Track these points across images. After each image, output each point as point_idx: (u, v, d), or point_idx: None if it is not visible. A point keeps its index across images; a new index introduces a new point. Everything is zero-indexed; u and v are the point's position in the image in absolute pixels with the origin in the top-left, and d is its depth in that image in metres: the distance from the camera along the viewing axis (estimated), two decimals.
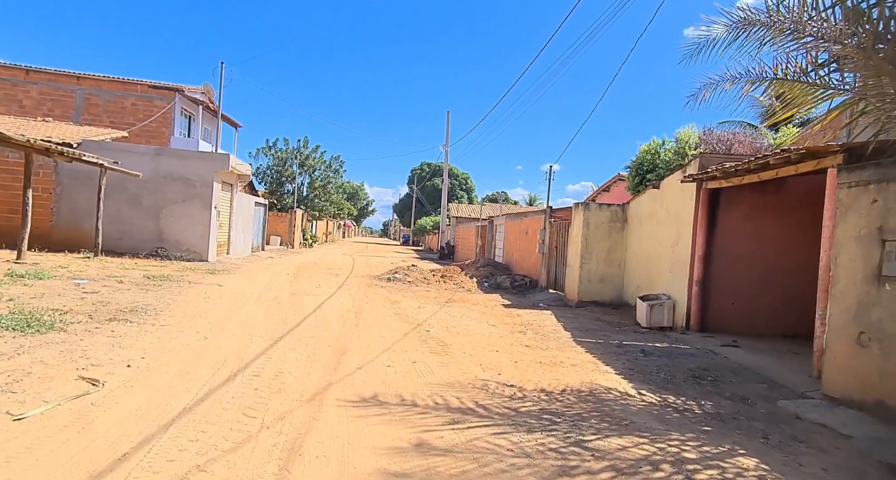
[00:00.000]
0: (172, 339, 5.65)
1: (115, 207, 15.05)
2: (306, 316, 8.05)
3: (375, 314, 8.92)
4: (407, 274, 15.97)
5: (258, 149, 36.70)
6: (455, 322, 8.78)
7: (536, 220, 16.61)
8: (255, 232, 22.51)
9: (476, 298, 12.76)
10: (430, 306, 10.59)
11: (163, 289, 9.20)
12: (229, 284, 11.20)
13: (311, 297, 10.26)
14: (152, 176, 15.32)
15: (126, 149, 15.22)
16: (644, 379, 5.54)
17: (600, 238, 11.96)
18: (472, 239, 30.42)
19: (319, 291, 11.42)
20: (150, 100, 22.43)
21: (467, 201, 64.79)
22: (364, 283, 14.12)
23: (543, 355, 6.56)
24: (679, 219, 9.34)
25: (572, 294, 12.18)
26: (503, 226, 22.06)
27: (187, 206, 15.58)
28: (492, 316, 9.94)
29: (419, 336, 7.30)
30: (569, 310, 11.29)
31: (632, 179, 14.34)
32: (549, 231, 15.08)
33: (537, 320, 9.67)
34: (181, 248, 15.50)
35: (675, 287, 9.18)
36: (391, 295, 11.78)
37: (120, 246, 15.02)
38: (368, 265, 22.29)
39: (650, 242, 10.55)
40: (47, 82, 21.52)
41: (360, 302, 10.29)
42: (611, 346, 7.39)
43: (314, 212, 38.02)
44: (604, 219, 12.01)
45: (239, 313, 7.81)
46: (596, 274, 11.90)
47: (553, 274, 14.50)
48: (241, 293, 10.02)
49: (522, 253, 18.08)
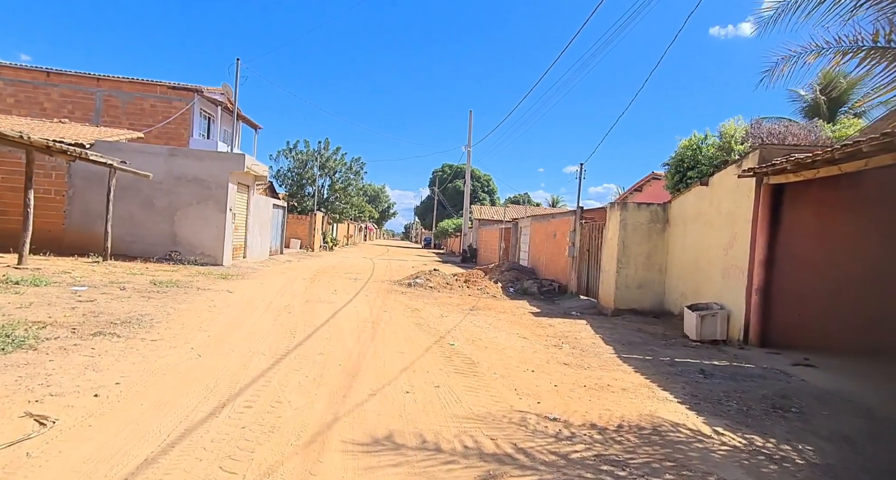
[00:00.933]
0: (160, 358, 4.93)
1: (127, 210, 14.60)
2: (318, 328, 7.29)
3: (394, 324, 8.11)
4: (428, 279, 15.16)
5: (279, 151, 36.47)
6: (482, 333, 7.92)
7: (565, 222, 15.64)
8: (273, 235, 21.99)
9: (502, 305, 11.87)
10: (454, 314, 9.76)
11: (167, 297, 8.55)
12: (240, 290, 10.53)
13: (325, 305, 9.52)
14: (166, 177, 14.85)
15: (139, 150, 14.77)
16: (714, 411, 4.59)
17: (639, 240, 10.96)
18: (495, 241, 29.49)
19: (335, 298, 10.68)
20: (168, 102, 22.15)
21: (489, 203, 63.86)
22: (383, 289, 13.35)
23: (586, 376, 5.66)
24: (734, 218, 8.31)
25: (607, 301, 11.19)
26: (528, 229, 21.11)
27: (202, 208, 15.06)
28: (521, 326, 9.05)
29: (442, 351, 6.46)
30: (605, 320, 10.32)
31: (670, 177, 13.29)
32: (579, 233, 14.10)
33: (572, 331, 8.74)
34: (195, 252, 14.97)
35: (730, 295, 8.15)
36: (412, 303, 10.97)
37: (132, 250, 14.56)
38: (389, 269, 21.56)
39: (697, 245, 9.53)
40: (68, 84, 21.39)
41: (379, 310, 9.51)
42: (662, 364, 6.44)
43: (334, 214, 37.55)
44: (642, 220, 11.01)
45: (244, 324, 7.09)
46: (634, 279, 10.90)
47: (584, 280, 13.51)
48: (250, 300, 9.33)
49: (550, 257, 17.12)
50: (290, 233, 30.53)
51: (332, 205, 37.34)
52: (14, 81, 20.93)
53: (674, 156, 13.21)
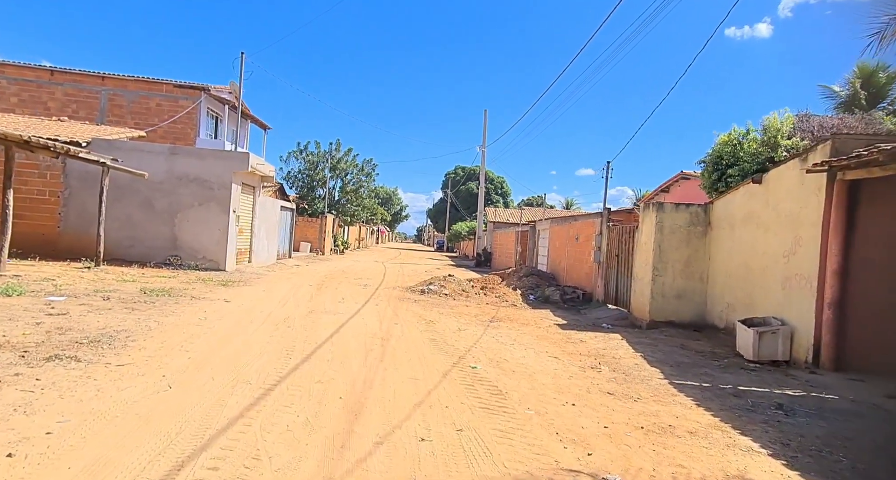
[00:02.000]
0: (119, 391, 4.02)
1: (125, 211, 13.85)
2: (319, 346, 6.36)
3: (406, 341, 7.16)
4: (443, 286, 14.20)
5: (289, 152, 35.81)
6: (506, 352, 6.94)
7: (589, 225, 14.59)
8: (281, 238, 21.20)
9: (524, 315, 10.86)
10: (473, 327, 8.78)
11: (154, 308, 7.68)
12: (239, 299, 9.66)
13: (330, 316, 8.59)
14: (166, 177, 14.08)
15: (138, 148, 14.03)
16: (821, 469, 3.55)
17: (677, 245, 9.90)
18: (510, 245, 28.46)
19: (342, 308, 9.76)
20: (175, 101, 21.50)
21: (503, 205, 62.78)
22: (395, 296, 12.41)
23: (639, 411, 4.65)
24: (796, 221, 7.23)
25: (641, 312, 10.14)
26: (547, 232, 20.07)
27: (203, 210, 14.27)
28: (549, 341, 8.04)
29: (463, 376, 5.48)
30: (640, 334, 9.26)
31: (707, 176, 12.17)
32: (606, 237, 13.04)
33: (607, 348, 7.71)
34: (196, 256, 14.18)
35: (793, 309, 7.06)
36: (426, 313, 10.02)
37: (130, 255, 13.79)
38: (401, 274, 20.64)
39: (748, 251, 8.44)
40: (72, 83, 20.83)
41: (389, 322, 8.56)
42: (725, 394, 5.39)
43: (346, 217, 36.77)
44: (681, 223, 9.95)
45: (234, 341, 6.17)
46: (672, 288, 9.83)
47: (612, 287, 12.45)
48: (248, 311, 8.43)
49: (572, 262, 16.06)
50: (299, 236, 29.79)
51: (344, 208, 36.57)
52: (17, 80, 20.42)
53: (710, 153, 12.10)
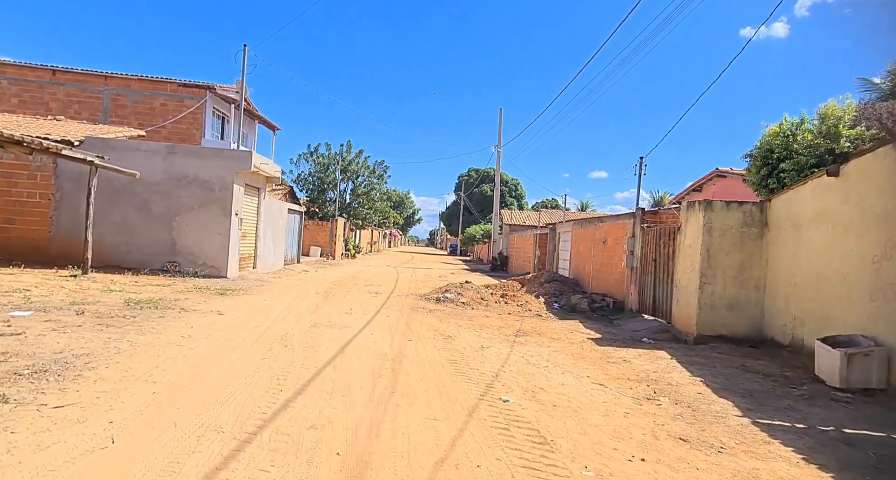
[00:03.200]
0: (39, 450, 2.98)
1: (120, 215, 12.99)
2: (319, 371, 5.30)
3: (422, 362, 6.07)
4: (460, 294, 13.11)
5: (299, 154, 34.99)
6: (541, 376, 5.82)
7: (619, 226, 13.41)
8: (289, 242, 20.28)
9: (552, 328, 9.73)
10: (497, 343, 7.67)
11: (132, 324, 6.70)
12: (235, 311, 8.66)
13: (335, 332, 7.55)
14: (164, 177, 13.19)
15: (134, 147, 13.17)
16: None
17: (728, 249, 8.70)
18: (528, 248, 27.28)
19: (350, 320, 8.71)
20: (180, 100, 20.73)
21: (517, 208, 61.53)
22: (408, 306, 11.35)
23: (731, 469, 3.51)
24: (890, 219, 6.03)
25: (686, 324, 8.95)
26: (569, 235, 18.88)
27: (204, 213, 13.35)
28: (587, 361, 6.90)
29: (495, 415, 4.39)
30: (689, 350, 8.08)
31: (754, 172, 10.92)
32: (640, 239, 11.85)
33: (657, 370, 6.56)
34: (196, 262, 13.25)
35: (890, 326, 5.86)
36: (443, 326, 8.93)
37: (127, 260, 12.91)
38: (414, 279, 19.59)
39: (820, 255, 7.23)
40: (74, 83, 20.16)
41: (402, 338, 7.48)
42: (831, 442, 4.22)
43: (357, 220, 35.85)
44: (733, 223, 8.75)
45: (215, 368, 5.14)
46: (722, 298, 8.63)
47: (648, 295, 11.25)
48: (241, 325, 7.41)
49: (598, 267, 14.88)
50: (309, 240, 28.92)
51: (355, 211, 35.66)
52: (18, 80, 19.79)
53: (759, 146, 10.86)
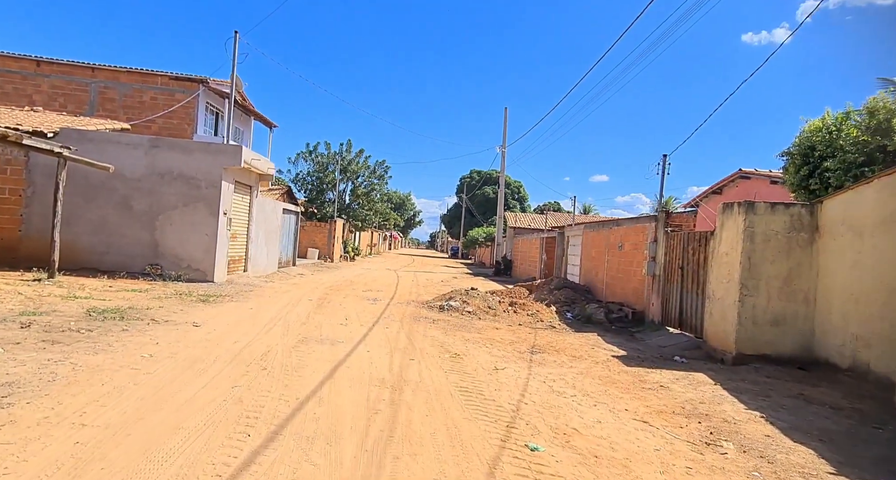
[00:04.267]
0: None
1: (98, 213, 11.98)
2: (300, 406, 4.29)
3: (427, 391, 5.06)
4: (465, 302, 12.08)
5: (298, 153, 34.01)
6: (570, 411, 4.81)
7: (638, 230, 12.40)
8: (283, 244, 19.27)
9: (569, 342, 8.71)
10: (512, 363, 6.66)
11: (85, 341, 5.69)
12: (213, 322, 7.64)
13: (326, 348, 6.53)
14: (146, 173, 12.20)
15: (114, 140, 12.17)
16: None
17: (773, 257, 7.69)
18: (534, 253, 26.26)
19: (344, 333, 7.70)
20: (171, 94, 19.76)
21: (520, 211, 60.50)
22: (409, 315, 10.34)
23: None
24: None
25: (722, 341, 7.93)
26: (580, 238, 17.87)
27: (189, 212, 12.35)
28: (619, 387, 5.89)
29: (523, 472, 3.37)
30: (730, 372, 7.06)
31: (793, 171, 9.94)
32: (664, 244, 10.84)
33: (703, 400, 5.54)
34: (180, 265, 12.24)
35: None
36: (448, 339, 7.92)
37: (104, 263, 11.90)
38: (415, 283, 18.57)
39: (891, 265, 6.22)
40: (59, 75, 19.19)
41: (402, 356, 6.47)
42: None
43: (356, 222, 34.84)
44: (778, 228, 7.74)
45: (169, 404, 4.12)
46: (766, 312, 7.61)
47: (674, 306, 10.23)
48: (217, 342, 6.40)
49: (613, 274, 13.86)
50: (306, 241, 27.92)
51: (354, 212, 34.66)
52: (0, 71, 18.82)
53: (797, 144, 9.87)
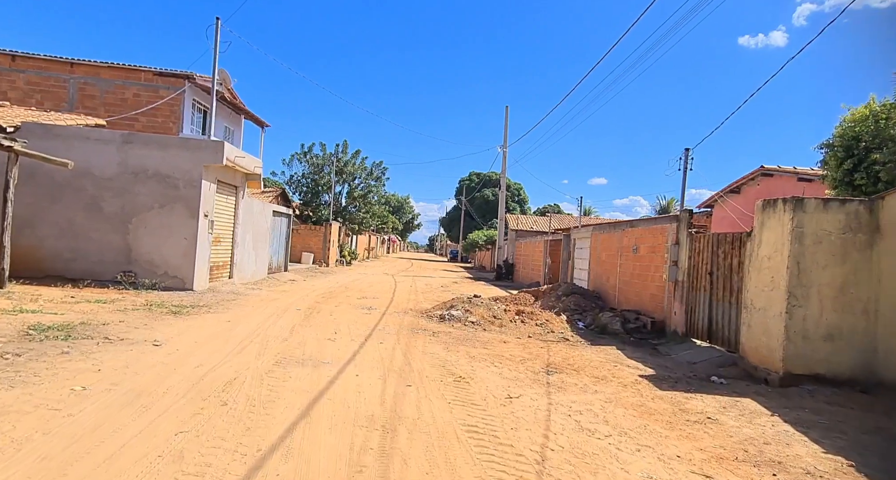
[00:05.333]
0: None
1: (64, 215, 10.92)
2: (260, 463, 3.24)
3: (427, 434, 4.00)
4: (468, 311, 11.04)
5: (292, 155, 32.97)
6: (610, 460, 3.77)
7: (656, 232, 11.37)
8: (274, 248, 18.20)
9: (588, 359, 7.67)
10: (527, 388, 5.61)
11: (5, 369, 4.62)
12: (177, 340, 6.58)
13: (306, 373, 5.47)
14: (119, 171, 11.14)
15: (83, 136, 11.11)
16: None
17: (825, 262, 6.66)
18: (537, 256, 25.23)
19: (331, 350, 6.64)
20: (155, 91, 18.72)
21: (520, 213, 59.52)
22: (407, 326, 9.29)
23: None
24: None
25: (764, 358, 6.89)
26: (588, 241, 16.85)
27: (166, 214, 11.29)
28: (660, 420, 4.84)
29: None
30: (783, 397, 6.02)
31: (833, 166, 8.95)
32: (687, 247, 9.81)
33: (767, 439, 4.50)
34: (157, 272, 11.18)
35: None
36: (451, 357, 6.86)
37: (71, 270, 10.83)
38: (413, 290, 17.51)
39: None
40: (36, 70, 18.16)
41: (398, 381, 5.41)
42: None
43: (353, 225, 33.79)
44: (831, 228, 6.71)
45: (82, 464, 3.05)
46: (819, 326, 6.58)
47: (701, 316, 9.18)
48: (175, 367, 5.33)
49: (627, 279, 12.83)
50: (301, 245, 26.86)
51: (351, 215, 33.61)
52: None
53: (839, 134, 8.89)
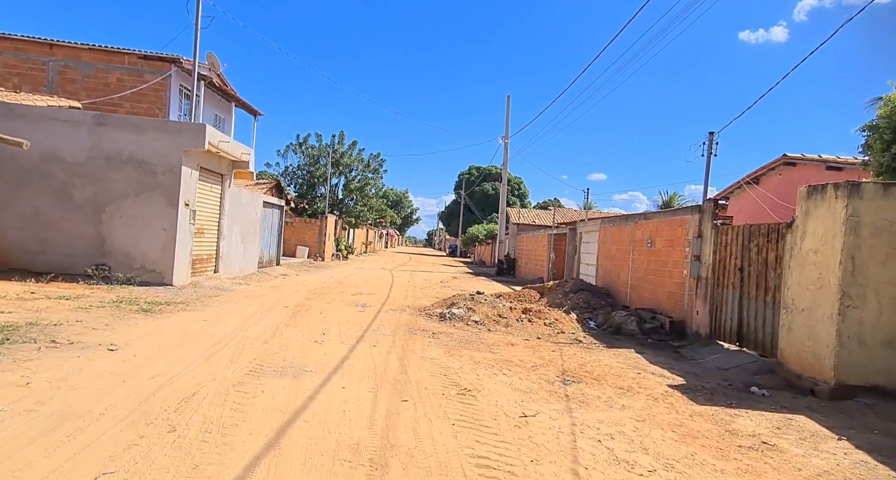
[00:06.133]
0: None
1: (30, 203, 10.02)
2: None
3: (425, 470, 3.13)
4: (471, 308, 10.17)
5: (287, 146, 31.98)
6: None
7: (674, 224, 10.50)
8: (265, 241, 17.30)
9: (607, 365, 6.81)
10: (543, 402, 4.75)
11: None
12: (138, 345, 5.70)
13: (283, 384, 4.60)
14: (90, 156, 10.23)
15: (50, 116, 10.17)
16: None
17: (884, 256, 5.80)
18: (540, 251, 24.36)
19: (316, 355, 5.77)
20: (140, 75, 17.73)
21: (520, 207, 58.61)
22: (403, 326, 8.43)
23: None
24: None
25: (811, 366, 6.04)
26: (596, 235, 15.98)
27: (143, 203, 10.39)
28: (707, 446, 3.99)
29: None
30: (841, 413, 5.18)
31: (879, 149, 8.09)
32: (713, 240, 8.94)
33: (849, 477, 3.64)
34: (132, 266, 10.29)
35: None
36: (453, 363, 6.00)
37: (38, 263, 9.94)
38: (412, 285, 16.65)
39: None
40: (13, 52, 17.16)
41: (392, 395, 4.54)
42: None
43: (350, 218, 32.87)
44: (892, 217, 5.84)
45: None
46: (877, 330, 5.73)
47: (729, 316, 8.33)
48: (123, 379, 4.45)
49: (640, 275, 11.97)
50: (295, 239, 25.97)
51: (348, 208, 32.68)
52: None
53: (884, 115, 8.02)
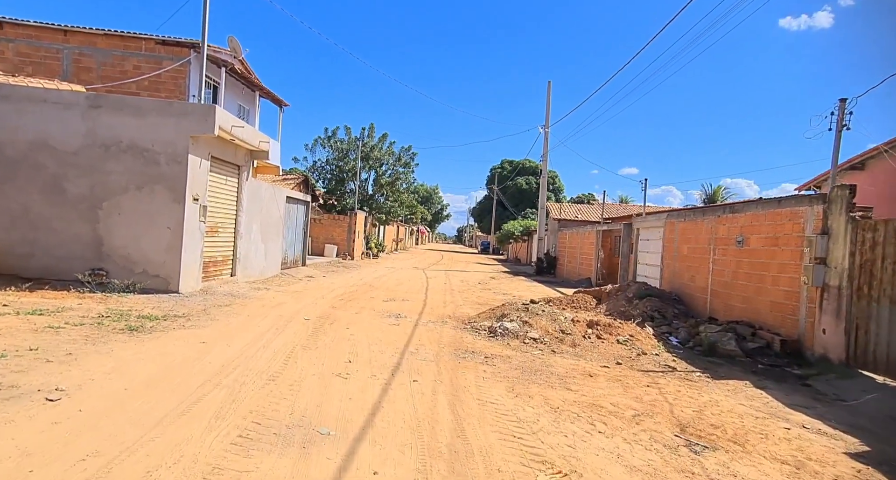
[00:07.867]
0: None
1: (19, 200, 8.74)
2: None
3: None
4: (526, 322, 8.41)
5: (315, 139, 30.73)
6: None
7: (780, 217, 8.49)
8: (289, 240, 15.89)
9: (733, 411, 4.97)
10: None
11: None
12: (92, 390, 4.17)
13: (283, 465, 2.95)
14: (85, 144, 8.88)
15: (39, 98, 8.85)
16: None
17: None
18: (587, 249, 22.34)
19: (336, 403, 4.12)
20: (158, 62, 16.58)
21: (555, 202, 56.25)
22: (448, 346, 6.74)
23: None
24: None
25: None
26: (659, 231, 13.98)
27: (145, 197, 9.00)
28: None
29: None
30: None
31: None
32: (847, 238, 6.94)
33: None
34: (134, 270, 8.92)
35: None
36: (525, 414, 4.26)
37: (27, 268, 8.65)
38: (449, 288, 14.97)
39: None
40: (27, 39, 16.22)
41: None
42: None
43: (380, 214, 31.44)
44: None
45: None
46: None
47: (878, 339, 6.33)
48: (26, 472, 2.90)
49: (728, 280, 9.96)
50: (324, 237, 24.64)
51: (378, 204, 31.24)
52: None
53: None
